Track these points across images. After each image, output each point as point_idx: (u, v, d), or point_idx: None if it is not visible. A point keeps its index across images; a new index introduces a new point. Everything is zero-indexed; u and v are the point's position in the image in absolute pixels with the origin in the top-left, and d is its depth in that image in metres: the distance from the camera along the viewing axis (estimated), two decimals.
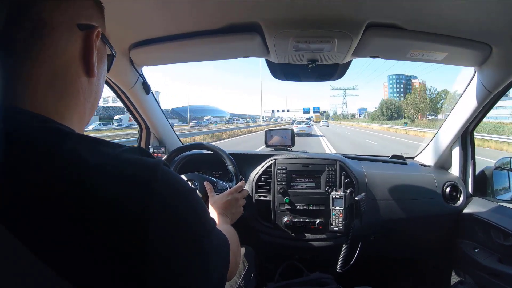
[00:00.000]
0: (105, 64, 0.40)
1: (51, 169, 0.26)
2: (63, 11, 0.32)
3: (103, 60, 0.39)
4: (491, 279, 0.97)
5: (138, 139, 1.38)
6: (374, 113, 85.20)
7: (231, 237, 0.47)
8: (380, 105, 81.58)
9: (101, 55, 0.38)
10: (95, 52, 0.35)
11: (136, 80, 1.11)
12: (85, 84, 0.35)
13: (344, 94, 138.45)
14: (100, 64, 0.38)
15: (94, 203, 0.26)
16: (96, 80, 0.37)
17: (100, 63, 0.38)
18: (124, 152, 0.31)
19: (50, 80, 0.31)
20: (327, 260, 1.15)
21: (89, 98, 0.37)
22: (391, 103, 77.47)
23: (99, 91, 0.39)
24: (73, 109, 0.34)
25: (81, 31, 0.33)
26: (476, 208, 1.10)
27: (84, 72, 0.35)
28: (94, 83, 0.37)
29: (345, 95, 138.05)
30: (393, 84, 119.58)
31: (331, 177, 1.12)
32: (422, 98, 62.37)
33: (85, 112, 0.36)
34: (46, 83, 0.31)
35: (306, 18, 0.75)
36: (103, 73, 0.40)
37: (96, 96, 0.39)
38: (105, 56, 0.40)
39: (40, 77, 0.31)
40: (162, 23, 0.83)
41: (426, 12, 0.72)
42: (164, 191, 0.29)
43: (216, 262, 0.36)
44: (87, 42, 0.34)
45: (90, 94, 0.37)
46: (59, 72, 0.32)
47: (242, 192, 0.86)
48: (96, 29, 0.35)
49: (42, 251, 0.24)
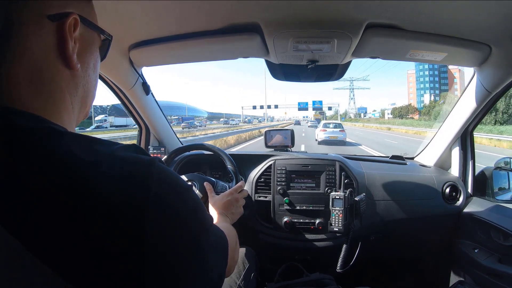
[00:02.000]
0: (95, 52, 0.37)
1: (47, 169, 0.26)
2: (29, 5, 0.30)
3: (90, 48, 0.36)
4: (491, 279, 0.97)
5: (138, 139, 1.38)
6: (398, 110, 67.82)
7: (229, 234, 0.47)
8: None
9: (86, 43, 0.35)
10: (70, 42, 0.32)
11: (135, 80, 1.11)
12: (68, 77, 0.33)
13: (351, 87, 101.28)
14: (86, 53, 0.35)
15: (90, 202, 0.26)
16: (81, 72, 0.35)
17: (85, 52, 0.35)
18: (119, 149, 0.30)
19: (30, 78, 0.30)
20: (327, 261, 1.15)
21: (74, 92, 0.34)
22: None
23: (88, 83, 0.36)
24: (59, 105, 0.32)
25: (53, 22, 0.31)
26: (476, 208, 1.10)
27: (63, 65, 0.32)
28: (79, 75, 0.35)
29: (352, 88, 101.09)
30: (424, 72, 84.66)
31: (330, 178, 1.12)
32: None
33: (73, 107, 0.35)
34: (27, 81, 0.30)
35: (306, 19, 0.75)
36: (92, 63, 0.37)
37: (86, 89, 0.36)
38: (94, 43, 0.37)
39: (20, 77, 0.29)
40: (162, 24, 0.83)
41: (426, 12, 0.72)
42: (160, 189, 0.29)
43: (214, 258, 0.36)
44: (60, 33, 0.32)
45: (75, 87, 0.34)
46: (36, 68, 0.30)
47: (242, 192, 0.86)
48: (71, 16, 0.32)
49: (40, 250, 0.24)
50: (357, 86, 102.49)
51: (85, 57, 0.35)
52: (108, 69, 1.01)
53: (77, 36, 0.33)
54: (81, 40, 0.34)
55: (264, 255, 1.16)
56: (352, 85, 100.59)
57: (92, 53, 0.37)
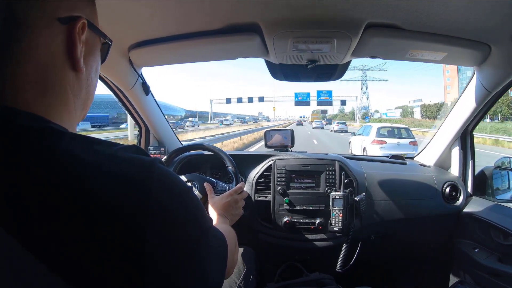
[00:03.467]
0: (97, 55, 0.38)
1: (47, 169, 0.26)
2: (40, 7, 0.30)
3: (93, 51, 0.37)
4: (491, 278, 0.97)
5: (137, 139, 1.39)
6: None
7: (228, 235, 0.47)
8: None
9: (90, 47, 0.36)
10: (79, 45, 0.33)
11: (135, 80, 1.11)
12: (73, 79, 0.34)
13: (364, 78, 66.82)
14: (90, 56, 0.36)
15: (90, 203, 0.26)
16: (85, 75, 0.36)
17: (89, 55, 0.36)
18: (120, 150, 0.30)
19: (35, 79, 0.30)
20: (327, 261, 1.15)
21: (78, 94, 0.35)
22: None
23: (90, 85, 0.37)
24: (62, 106, 0.33)
25: (62, 25, 0.31)
26: (476, 208, 1.10)
27: (70, 67, 0.33)
28: (83, 77, 0.35)
29: (365, 79, 66.52)
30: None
31: (330, 178, 1.12)
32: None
33: (75, 109, 0.35)
34: (32, 82, 0.30)
35: (305, 19, 0.75)
36: (94, 66, 0.38)
37: (87, 91, 0.37)
38: (97, 46, 0.38)
39: (25, 77, 0.30)
40: (162, 24, 0.83)
41: (426, 12, 0.72)
42: (160, 190, 0.29)
43: (213, 260, 0.36)
44: (69, 36, 0.32)
45: (79, 89, 0.35)
46: (43, 70, 0.31)
47: (242, 193, 0.86)
48: (80, 20, 0.33)
49: (40, 251, 0.24)
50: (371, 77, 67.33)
51: (89, 60, 0.36)
52: (108, 70, 1.01)
53: (83, 39, 0.34)
54: (86, 43, 0.35)
55: (264, 255, 1.16)
56: (365, 75, 64.09)
57: (95, 56, 0.38)
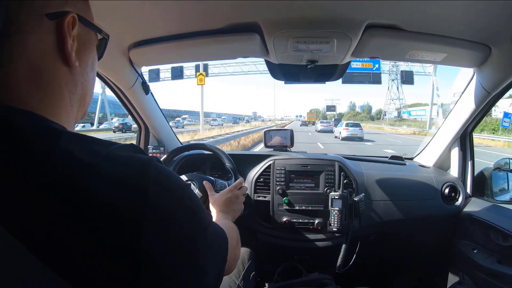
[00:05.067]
0: (92, 50, 0.38)
1: (44, 169, 0.26)
2: (28, 5, 0.30)
3: (87, 46, 0.37)
4: (490, 279, 0.97)
5: (137, 139, 1.39)
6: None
7: (230, 232, 0.47)
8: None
9: (84, 42, 0.36)
10: (69, 40, 0.33)
11: (135, 80, 1.11)
12: (67, 75, 0.34)
13: (395, 68, 31.97)
14: (85, 51, 0.36)
15: (88, 203, 0.26)
16: (80, 70, 0.35)
17: (84, 50, 0.36)
18: (117, 149, 0.30)
19: (29, 76, 0.30)
20: (326, 261, 1.15)
21: (74, 89, 0.35)
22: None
23: (87, 81, 0.37)
24: (58, 103, 0.33)
25: (51, 20, 0.31)
26: (475, 209, 1.10)
27: (62, 63, 0.33)
28: (77, 73, 0.35)
29: (397, 71, 32.68)
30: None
31: (330, 178, 1.12)
32: None
33: (72, 106, 0.35)
34: (26, 80, 0.30)
35: (305, 19, 0.75)
36: (90, 61, 0.37)
37: (84, 87, 0.37)
38: (91, 41, 0.38)
39: (19, 75, 0.30)
40: (162, 23, 0.82)
41: (426, 13, 0.72)
42: (157, 188, 0.29)
43: (212, 257, 0.36)
44: (58, 31, 0.32)
45: (74, 85, 0.35)
46: (36, 67, 0.31)
47: (242, 188, 0.86)
48: (69, 14, 0.32)
49: (39, 250, 0.24)
50: (404, 67, 25.48)
51: (83, 55, 0.36)
52: (107, 69, 1.01)
53: (75, 34, 0.34)
54: (78, 38, 0.34)
55: (263, 255, 1.16)
56: (397, 68, 32.91)
57: (90, 51, 0.37)
